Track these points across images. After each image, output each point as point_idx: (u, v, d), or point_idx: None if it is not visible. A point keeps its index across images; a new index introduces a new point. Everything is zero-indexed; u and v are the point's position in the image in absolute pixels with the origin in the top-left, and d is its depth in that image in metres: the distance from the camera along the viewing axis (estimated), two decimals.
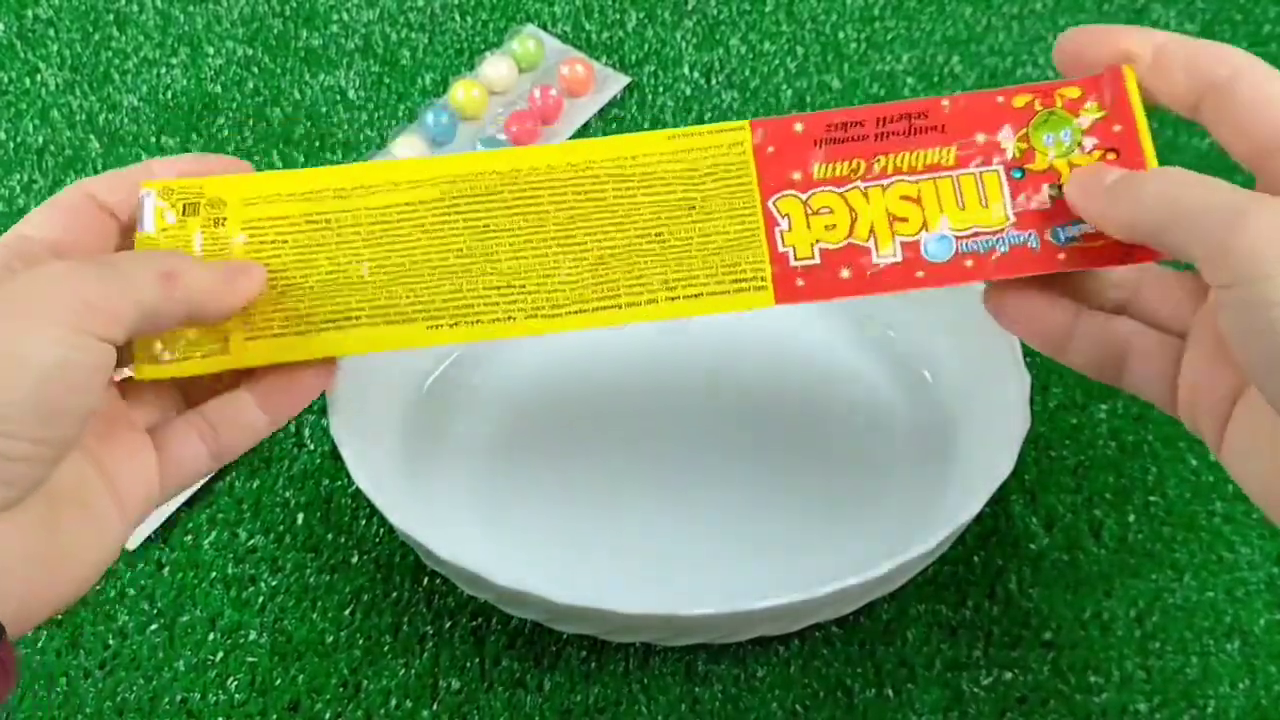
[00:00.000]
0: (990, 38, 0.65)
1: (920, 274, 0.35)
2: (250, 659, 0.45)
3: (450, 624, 0.46)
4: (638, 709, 0.44)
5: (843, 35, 0.65)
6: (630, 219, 0.36)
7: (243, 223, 0.36)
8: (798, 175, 0.36)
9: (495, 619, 0.46)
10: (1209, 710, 0.43)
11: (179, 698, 0.44)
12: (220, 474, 0.49)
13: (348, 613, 0.46)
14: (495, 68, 0.62)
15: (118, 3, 0.67)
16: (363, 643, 0.45)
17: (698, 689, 0.44)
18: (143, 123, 0.62)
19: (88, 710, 0.44)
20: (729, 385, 0.50)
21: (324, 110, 0.62)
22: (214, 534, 0.48)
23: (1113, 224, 0.34)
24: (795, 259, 0.36)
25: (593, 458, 0.49)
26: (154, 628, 0.46)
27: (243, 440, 0.36)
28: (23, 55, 0.65)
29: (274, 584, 0.47)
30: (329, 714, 0.44)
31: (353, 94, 0.63)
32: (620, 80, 0.63)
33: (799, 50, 0.65)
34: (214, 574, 0.47)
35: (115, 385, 0.35)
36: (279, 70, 0.64)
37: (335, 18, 0.67)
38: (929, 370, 0.50)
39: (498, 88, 0.62)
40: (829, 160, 0.36)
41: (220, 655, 0.45)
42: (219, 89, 0.63)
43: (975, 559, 0.47)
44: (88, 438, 0.32)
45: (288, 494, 0.49)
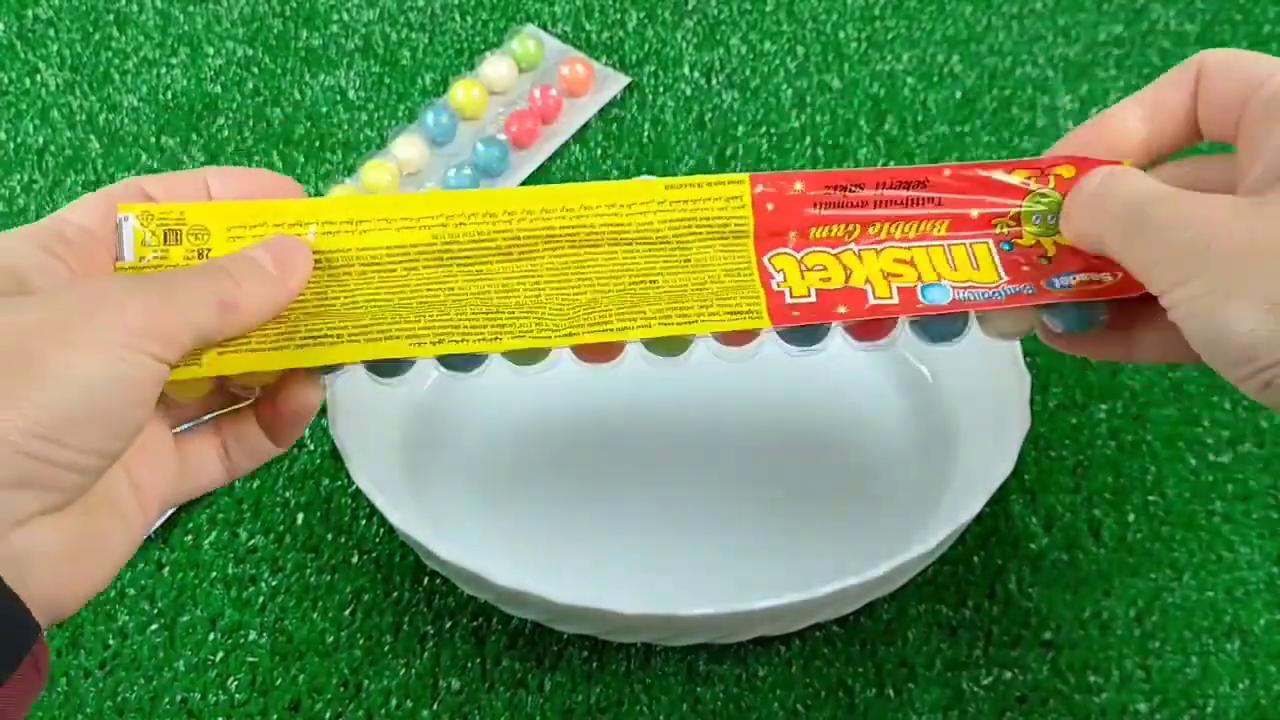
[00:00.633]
0: (990, 37, 0.65)
1: (919, 306, 0.35)
2: (250, 659, 0.45)
3: (450, 624, 0.46)
4: (639, 709, 0.44)
5: (843, 35, 0.66)
6: (625, 269, 0.36)
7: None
8: (793, 235, 0.36)
9: (495, 619, 0.46)
10: (1208, 710, 0.43)
11: (179, 698, 0.44)
12: None
13: (348, 613, 0.46)
14: (495, 68, 0.62)
15: (118, 3, 0.67)
16: (363, 643, 0.45)
17: (699, 689, 0.44)
18: (143, 123, 0.62)
19: (88, 710, 0.44)
20: (730, 386, 0.50)
21: (324, 110, 0.62)
22: (214, 534, 0.48)
23: (1072, 236, 0.35)
24: (791, 297, 0.35)
25: (593, 457, 0.49)
26: (154, 628, 0.46)
27: (249, 461, 0.37)
28: (23, 55, 0.65)
29: (274, 584, 0.47)
30: (329, 714, 0.44)
31: (353, 94, 0.63)
32: (620, 80, 0.63)
33: (799, 50, 0.65)
34: (214, 574, 0.47)
35: None
36: (279, 70, 0.64)
37: (335, 18, 0.67)
38: (929, 370, 0.50)
39: (498, 88, 0.62)
40: (825, 223, 0.36)
41: (220, 655, 0.45)
42: (219, 89, 0.63)
43: (975, 559, 0.47)
44: None
45: (288, 494, 0.49)
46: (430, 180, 0.59)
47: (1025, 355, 0.45)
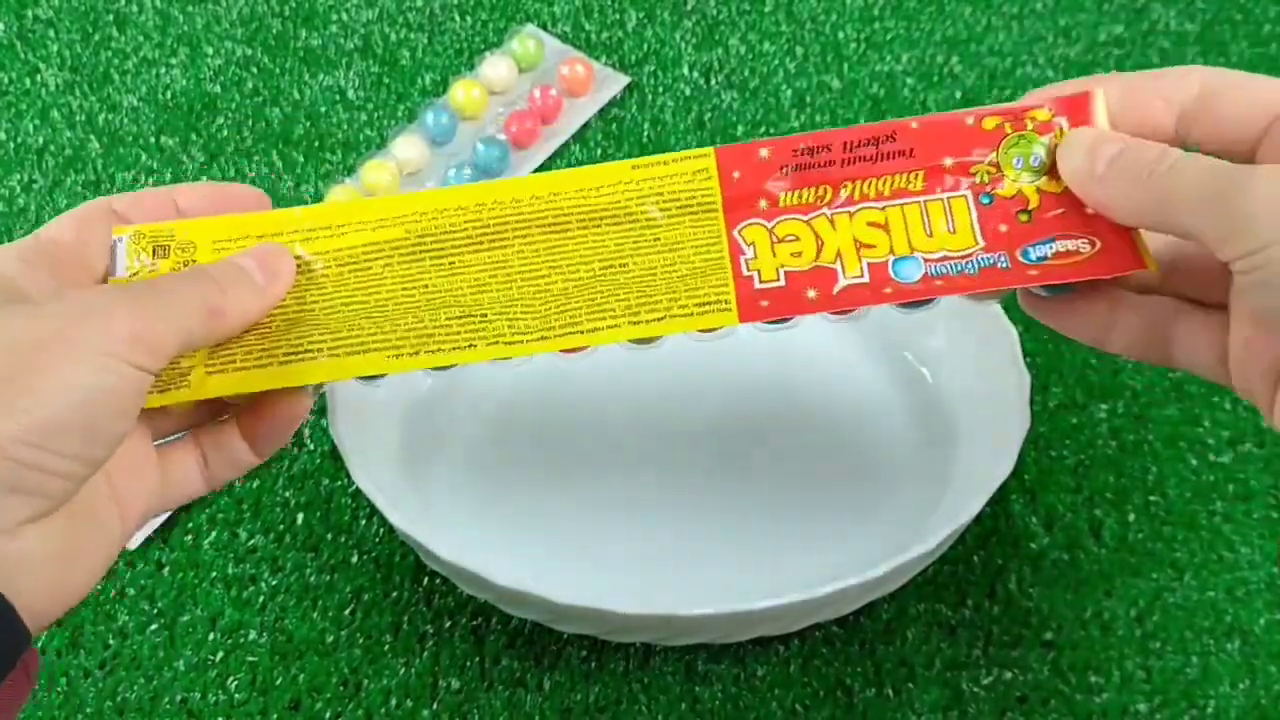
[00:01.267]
0: (990, 38, 0.65)
1: (888, 290, 0.35)
2: (250, 659, 0.45)
3: (450, 624, 0.46)
4: (638, 709, 0.44)
5: (842, 35, 0.65)
6: (595, 252, 0.36)
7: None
8: (763, 203, 0.36)
9: (495, 619, 0.46)
10: (1209, 710, 0.43)
11: (179, 697, 0.44)
12: None
13: (348, 612, 0.46)
14: (495, 68, 0.62)
15: (117, 3, 0.67)
16: (363, 642, 0.45)
17: (698, 688, 0.44)
18: (142, 123, 0.62)
19: (88, 710, 0.44)
20: (730, 386, 0.50)
21: (323, 110, 0.62)
22: (214, 534, 0.48)
23: (1107, 204, 0.33)
24: (760, 282, 0.35)
25: (593, 457, 0.49)
26: (154, 628, 0.46)
27: (229, 472, 0.37)
28: (23, 55, 0.65)
29: (274, 584, 0.47)
30: (329, 713, 0.44)
31: (352, 94, 0.63)
32: (620, 80, 0.63)
33: (799, 50, 0.65)
34: (214, 574, 0.47)
35: None
36: (278, 70, 0.64)
37: (335, 18, 0.67)
38: (929, 370, 0.50)
39: (498, 88, 0.62)
40: (795, 187, 0.36)
41: (220, 655, 0.45)
42: (218, 89, 0.63)
43: (975, 559, 0.47)
44: None
45: (288, 494, 0.49)
46: (430, 180, 0.59)
47: (1025, 355, 0.45)
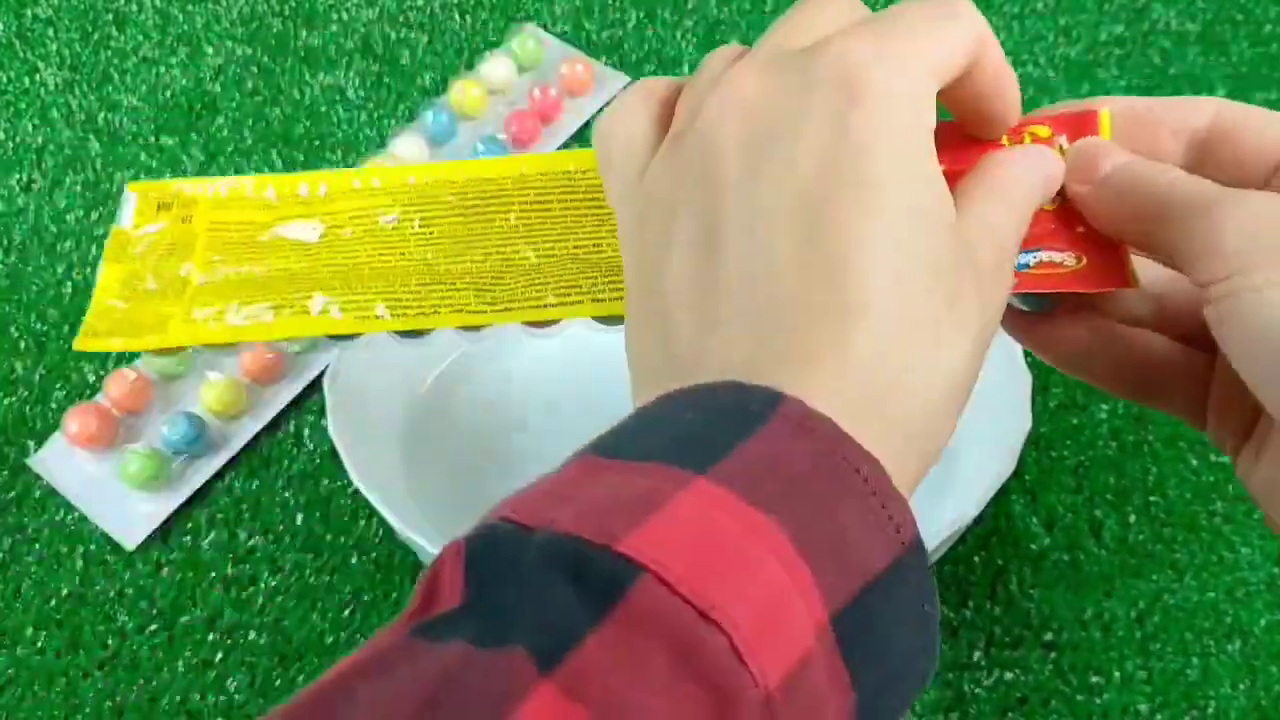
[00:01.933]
0: None
1: None
2: (250, 659, 0.45)
3: None
4: None
5: None
6: (572, 231, 0.37)
7: (209, 223, 0.37)
8: None
9: None
10: (1209, 711, 0.43)
11: (179, 698, 0.44)
12: (219, 474, 0.49)
13: (348, 613, 0.46)
14: (495, 67, 0.62)
15: (117, 2, 0.67)
16: (362, 642, 0.45)
17: None
18: (142, 122, 0.62)
19: (88, 710, 0.44)
20: None
21: (323, 110, 0.62)
22: (214, 534, 0.48)
23: (1103, 207, 0.31)
24: None
25: None
26: (154, 628, 0.46)
27: None
28: (22, 55, 0.65)
29: (274, 584, 0.47)
30: None
31: (352, 94, 0.63)
32: (620, 80, 0.63)
33: None
34: (214, 574, 0.47)
35: None
36: (279, 70, 0.64)
37: (335, 17, 0.67)
38: None
39: (498, 87, 0.62)
40: None
41: (220, 655, 0.45)
42: (218, 88, 0.63)
43: (975, 559, 0.47)
44: None
45: (287, 494, 0.49)
46: None
47: (1025, 355, 0.45)
